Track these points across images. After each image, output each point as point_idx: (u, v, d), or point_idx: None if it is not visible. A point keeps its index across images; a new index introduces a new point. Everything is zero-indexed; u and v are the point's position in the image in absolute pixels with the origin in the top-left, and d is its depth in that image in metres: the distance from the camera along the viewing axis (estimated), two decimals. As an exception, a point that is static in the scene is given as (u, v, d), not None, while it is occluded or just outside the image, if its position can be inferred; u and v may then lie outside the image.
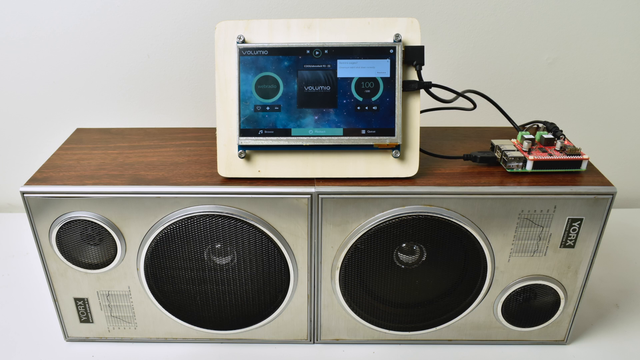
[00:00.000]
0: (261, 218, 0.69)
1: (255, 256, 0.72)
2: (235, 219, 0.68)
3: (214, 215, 0.68)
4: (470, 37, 1.04)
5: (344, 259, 0.71)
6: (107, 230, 0.69)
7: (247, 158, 0.69)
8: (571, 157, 0.70)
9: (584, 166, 0.70)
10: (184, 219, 0.68)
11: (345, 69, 0.66)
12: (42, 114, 1.11)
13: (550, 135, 0.73)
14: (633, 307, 0.88)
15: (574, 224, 0.69)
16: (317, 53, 0.66)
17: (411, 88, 0.67)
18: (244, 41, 0.66)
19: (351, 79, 0.66)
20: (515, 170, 0.70)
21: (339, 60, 0.66)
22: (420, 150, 0.70)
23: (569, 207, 0.68)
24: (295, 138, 0.67)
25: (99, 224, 0.69)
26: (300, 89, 0.66)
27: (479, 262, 0.72)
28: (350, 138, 0.67)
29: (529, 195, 0.67)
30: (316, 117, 0.67)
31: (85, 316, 0.78)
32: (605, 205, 0.68)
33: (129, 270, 0.73)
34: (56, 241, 0.70)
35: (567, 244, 0.71)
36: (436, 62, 1.06)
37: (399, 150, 0.68)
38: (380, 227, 0.68)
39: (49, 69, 1.06)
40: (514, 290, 0.74)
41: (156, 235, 0.70)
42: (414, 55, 0.67)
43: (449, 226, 0.69)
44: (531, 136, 0.73)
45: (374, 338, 0.80)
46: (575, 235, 0.70)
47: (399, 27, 0.66)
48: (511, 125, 0.77)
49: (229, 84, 0.67)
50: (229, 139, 0.68)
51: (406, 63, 0.67)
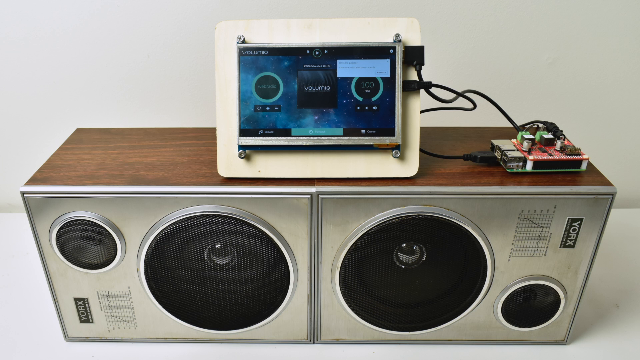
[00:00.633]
0: (261, 218, 0.69)
1: (255, 256, 0.72)
2: (235, 219, 0.68)
3: (214, 215, 0.68)
4: (470, 37, 1.04)
5: (344, 259, 0.71)
6: (107, 230, 0.69)
7: (247, 158, 0.69)
8: (571, 157, 0.70)
9: (584, 166, 0.70)
10: (183, 219, 0.68)
11: (345, 69, 0.66)
12: (42, 114, 1.11)
13: (550, 135, 0.73)
14: (633, 307, 0.88)
15: (574, 224, 0.69)
16: (317, 53, 0.66)
17: (411, 88, 0.67)
18: (244, 41, 0.66)
19: (351, 79, 0.66)
20: (515, 170, 0.70)
21: (339, 60, 0.66)
22: (420, 150, 0.70)
23: (569, 207, 0.68)
24: (295, 138, 0.67)
25: (99, 224, 0.69)
26: (300, 89, 0.66)
27: (479, 262, 0.72)
28: (350, 138, 0.67)
29: (529, 195, 0.67)
30: (316, 117, 0.67)
31: (85, 316, 0.78)
32: (605, 205, 0.68)
33: (129, 270, 0.73)
34: (56, 241, 0.70)
35: (567, 244, 0.71)
36: (436, 62, 1.06)
37: (399, 150, 0.68)
38: (380, 227, 0.68)
39: (49, 69, 1.06)
40: (514, 290, 0.74)
41: (156, 235, 0.70)
42: (414, 55, 0.67)
43: (449, 226, 0.69)
44: (531, 136, 0.73)
45: (374, 338, 0.80)
46: (575, 235, 0.70)
47: (399, 27, 0.66)
48: (511, 125, 0.77)
49: (229, 84, 0.67)
50: (229, 139, 0.68)
51: (406, 63, 0.67)
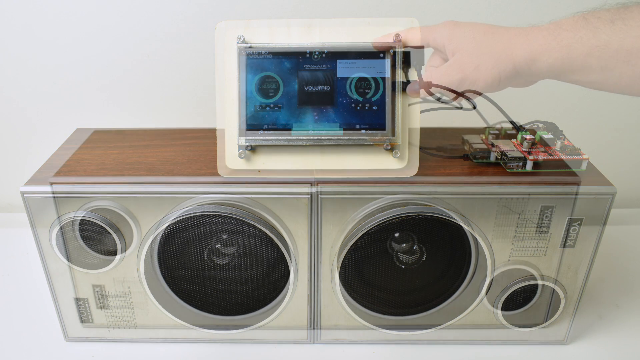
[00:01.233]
0: (261, 218, 0.69)
1: (255, 256, 0.72)
2: (235, 219, 0.68)
3: (214, 215, 0.68)
4: (470, 37, 1.04)
5: (344, 259, 0.71)
6: (107, 230, 0.69)
7: (247, 158, 0.69)
8: (571, 157, 0.70)
9: (584, 166, 0.70)
10: (184, 219, 0.68)
11: (345, 69, 0.66)
12: (42, 114, 1.11)
13: (550, 135, 0.73)
14: (633, 307, 0.88)
15: (574, 224, 0.69)
16: (317, 53, 0.66)
17: (411, 88, 0.67)
18: (244, 41, 0.66)
19: (351, 79, 0.66)
20: (515, 170, 0.70)
21: (338, 60, 0.66)
22: (420, 150, 0.70)
23: (569, 207, 0.68)
24: (295, 137, 0.67)
25: (98, 224, 0.69)
26: (300, 89, 0.66)
27: (479, 262, 0.72)
28: (350, 137, 0.67)
29: (529, 195, 0.67)
30: (316, 117, 0.67)
31: (85, 316, 0.78)
32: (605, 205, 0.68)
33: (129, 270, 0.73)
34: (56, 241, 0.70)
35: (567, 244, 0.71)
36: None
37: (398, 150, 0.68)
38: (380, 227, 0.68)
39: (49, 69, 1.06)
40: (514, 290, 0.74)
41: (156, 236, 0.70)
42: (414, 55, 0.67)
43: (449, 226, 0.69)
44: (531, 136, 0.73)
45: (374, 338, 0.80)
46: (575, 235, 0.70)
47: (398, 27, 0.66)
48: (510, 125, 0.77)
49: (229, 84, 0.67)
50: (229, 139, 0.68)
51: (406, 63, 0.67)
